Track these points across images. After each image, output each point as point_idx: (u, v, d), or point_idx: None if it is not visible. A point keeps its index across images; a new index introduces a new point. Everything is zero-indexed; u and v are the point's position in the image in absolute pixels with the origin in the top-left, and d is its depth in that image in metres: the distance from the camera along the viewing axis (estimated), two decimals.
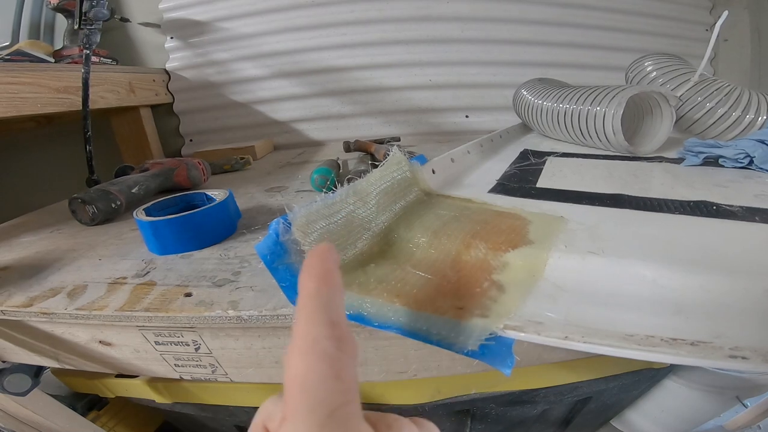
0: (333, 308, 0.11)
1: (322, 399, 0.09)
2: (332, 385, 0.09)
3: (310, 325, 0.10)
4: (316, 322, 0.10)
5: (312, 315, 0.10)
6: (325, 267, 0.12)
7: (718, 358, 0.14)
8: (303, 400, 0.09)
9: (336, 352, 0.10)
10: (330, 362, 0.09)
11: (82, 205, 0.38)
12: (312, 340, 0.10)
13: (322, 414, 0.09)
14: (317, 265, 0.12)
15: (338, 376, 0.09)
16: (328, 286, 0.11)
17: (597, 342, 0.14)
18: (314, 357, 0.10)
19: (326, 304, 0.11)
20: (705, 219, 0.24)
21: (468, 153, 0.38)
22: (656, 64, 0.49)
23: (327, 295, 0.11)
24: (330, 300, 0.11)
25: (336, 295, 0.11)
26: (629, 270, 0.18)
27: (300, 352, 0.10)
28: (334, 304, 0.11)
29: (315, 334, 0.10)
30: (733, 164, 0.35)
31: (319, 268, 0.11)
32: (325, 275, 0.11)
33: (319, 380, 0.09)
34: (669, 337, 0.15)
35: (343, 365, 0.10)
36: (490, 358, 0.14)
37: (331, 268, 0.12)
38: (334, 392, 0.09)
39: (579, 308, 0.17)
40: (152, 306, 0.23)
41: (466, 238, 0.21)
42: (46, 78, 0.51)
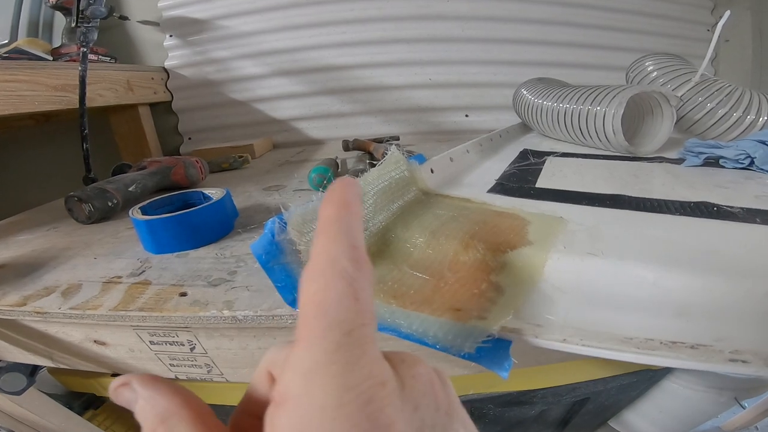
0: (353, 232, 0.10)
1: (341, 318, 0.08)
2: (351, 304, 0.09)
3: (329, 245, 0.10)
4: (336, 243, 0.10)
5: (332, 236, 0.10)
6: (346, 195, 0.11)
7: (718, 362, 0.14)
8: (320, 318, 0.09)
9: (355, 272, 0.09)
10: (349, 281, 0.09)
11: (78, 203, 0.38)
12: (332, 259, 0.09)
13: (340, 333, 0.08)
14: (339, 192, 0.11)
15: (357, 296, 0.09)
16: (348, 211, 0.11)
17: (595, 345, 0.14)
18: (333, 275, 0.09)
19: (347, 227, 0.10)
20: (706, 220, 0.23)
21: (467, 152, 0.38)
22: (657, 63, 0.49)
23: (347, 220, 0.11)
24: (350, 224, 0.11)
25: (356, 221, 0.11)
26: (629, 271, 0.18)
27: (318, 271, 0.09)
28: (354, 229, 0.11)
29: (335, 253, 0.10)
30: (733, 165, 0.35)
31: (340, 196, 0.11)
32: (346, 202, 0.11)
33: (338, 299, 0.09)
34: (668, 340, 0.15)
35: (361, 286, 0.09)
36: (487, 361, 0.14)
37: (352, 198, 0.11)
38: (353, 312, 0.09)
39: (578, 310, 0.16)
40: (147, 306, 0.23)
41: (465, 238, 0.21)
42: (43, 76, 0.51)
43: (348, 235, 0.10)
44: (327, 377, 0.08)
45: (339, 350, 0.08)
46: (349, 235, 0.10)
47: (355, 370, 0.08)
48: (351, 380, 0.08)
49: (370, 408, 0.08)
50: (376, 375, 0.08)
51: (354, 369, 0.08)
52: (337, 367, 0.08)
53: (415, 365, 0.10)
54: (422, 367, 0.10)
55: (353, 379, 0.08)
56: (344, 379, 0.08)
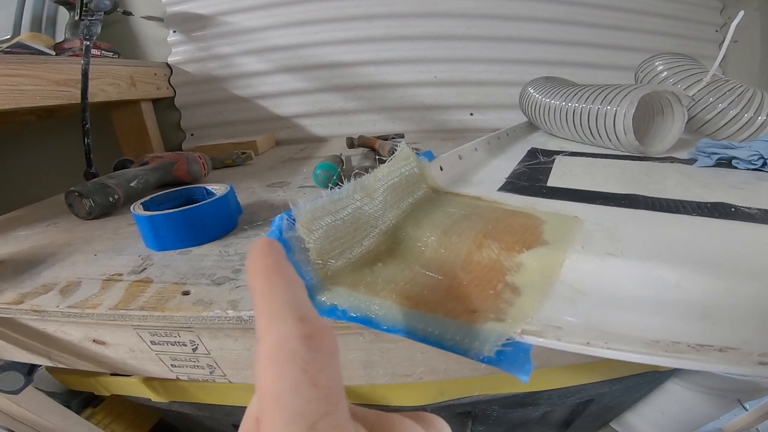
0: (296, 301, 0.09)
1: (299, 411, 0.08)
2: (309, 393, 0.08)
3: (273, 324, 0.09)
4: (279, 321, 0.09)
5: (274, 312, 0.09)
6: (270, 260, 0.10)
7: (748, 365, 0.14)
8: (277, 414, 0.08)
9: (309, 352, 0.08)
10: (303, 365, 0.08)
11: (78, 199, 0.37)
12: (279, 341, 0.08)
13: (301, 428, 0.07)
14: (261, 259, 0.10)
15: (314, 381, 0.08)
16: (281, 277, 0.10)
17: (621, 348, 0.14)
18: (284, 362, 0.08)
19: (286, 297, 0.09)
20: (724, 221, 0.23)
21: (476, 150, 0.37)
22: (667, 63, 0.49)
23: (284, 288, 0.09)
24: (290, 293, 0.09)
25: (295, 286, 0.10)
26: (651, 272, 0.17)
27: (267, 357, 0.08)
28: (296, 296, 0.09)
29: (281, 333, 0.09)
30: (746, 166, 0.34)
31: (264, 262, 0.10)
32: (273, 267, 0.10)
33: (294, 389, 0.08)
34: (696, 343, 0.14)
35: (319, 367, 0.08)
36: (508, 365, 0.13)
37: (278, 260, 0.10)
38: (312, 401, 0.08)
39: (599, 312, 0.16)
40: (148, 304, 0.22)
41: (478, 237, 0.20)
42: (46, 70, 0.50)
43: (291, 305, 0.09)
44: None
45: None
46: (292, 306, 0.09)
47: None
48: None
49: None
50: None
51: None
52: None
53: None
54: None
55: None
56: None
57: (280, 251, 0.11)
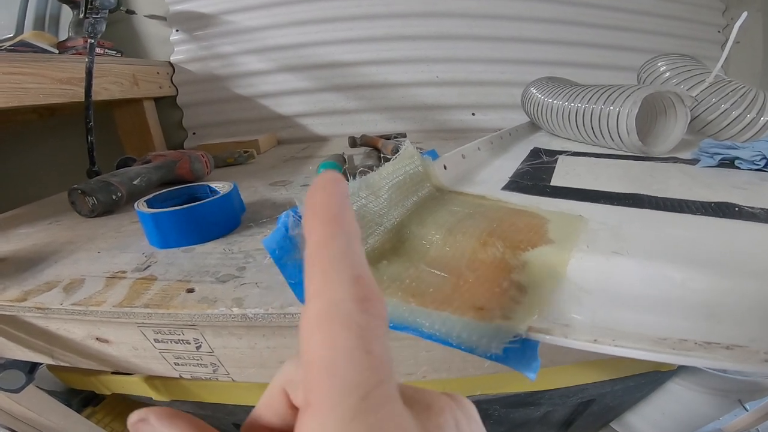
0: (353, 258, 0.08)
1: (353, 380, 0.07)
2: (363, 361, 0.07)
3: (327, 284, 0.08)
4: (335, 279, 0.08)
5: (328, 269, 0.08)
6: (335, 204, 0.09)
7: (755, 362, 0.14)
8: (329, 383, 0.07)
9: (363, 316, 0.08)
10: (358, 331, 0.07)
11: (81, 196, 0.37)
12: (332, 304, 0.08)
13: (354, 399, 0.07)
14: (324, 202, 0.09)
15: (369, 348, 0.07)
16: (342, 228, 0.09)
17: (629, 346, 0.14)
18: (338, 326, 0.07)
19: (344, 253, 0.08)
20: (728, 221, 0.23)
21: (478, 150, 0.37)
22: (670, 64, 0.49)
23: (344, 242, 0.08)
24: (348, 247, 0.08)
25: (354, 241, 0.09)
26: (656, 271, 0.17)
27: (319, 321, 0.08)
28: (354, 253, 0.08)
29: (335, 294, 0.08)
30: (749, 166, 0.34)
31: (327, 206, 0.09)
32: (336, 215, 0.09)
33: (348, 356, 0.07)
34: (703, 340, 0.14)
35: (373, 333, 0.08)
36: (515, 362, 0.13)
37: (342, 206, 0.09)
38: (366, 370, 0.07)
39: (605, 310, 0.16)
40: (152, 302, 0.22)
41: (483, 235, 0.20)
42: (49, 69, 0.50)
43: (348, 262, 0.08)
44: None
45: (356, 418, 0.07)
46: (349, 264, 0.08)
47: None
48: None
49: None
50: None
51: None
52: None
53: (441, 413, 0.09)
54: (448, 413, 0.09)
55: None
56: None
57: (344, 191, 0.09)
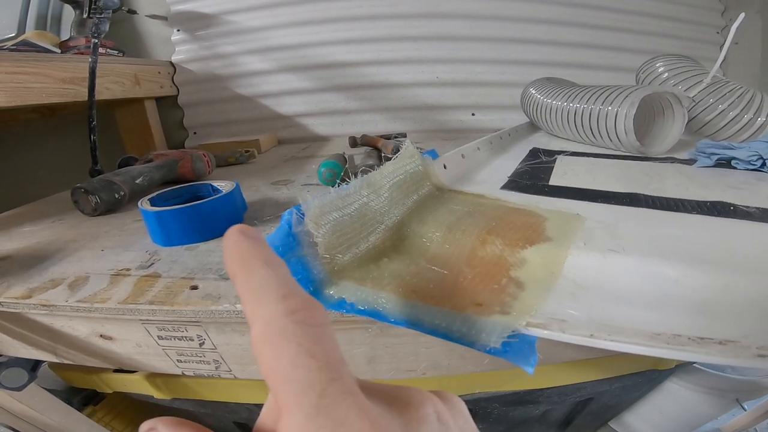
0: (276, 280, 0.09)
1: (304, 382, 0.08)
2: (308, 363, 0.08)
3: (258, 308, 0.09)
4: (263, 302, 0.09)
5: (256, 296, 0.09)
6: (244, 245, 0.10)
7: (747, 358, 0.14)
8: (286, 388, 0.08)
9: (298, 326, 0.08)
10: (295, 339, 0.08)
11: (84, 195, 0.37)
12: (266, 323, 0.08)
13: (312, 397, 0.08)
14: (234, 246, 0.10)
15: (311, 353, 0.08)
16: (257, 259, 0.10)
17: (624, 340, 0.14)
18: (276, 339, 0.08)
19: (265, 278, 0.09)
20: (723, 219, 0.23)
21: (478, 150, 0.37)
22: (668, 65, 0.49)
23: (262, 269, 0.09)
24: (268, 273, 0.09)
25: (273, 266, 0.10)
26: (652, 268, 0.18)
27: (261, 340, 0.08)
28: (276, 276, 0.09)
29: (266, 314, 0.09)
30: (745, 166, 0.35)
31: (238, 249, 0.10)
32: (247, 251, 0.10)
33: (293, 364, 0.08)
34: (697, 336, 0.15)
35: (312, 339, 0.08)
36: (513, 356, 0.13)
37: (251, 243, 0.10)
38: (314, 371, 0.08)
39: (601, 306, 0.16)
40: (157, 299, 0.22)
41: (482, 233, 0.20)
42: (51, 68, 0.51)
43: (272, 286, 0.09)
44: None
45: (320, 414, 0.07)
46: (273, 286, 0.09)
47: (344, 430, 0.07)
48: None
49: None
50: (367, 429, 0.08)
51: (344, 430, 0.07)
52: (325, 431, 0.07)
53: (421, 406, 0.09)
54: (429, 406, 0.10)
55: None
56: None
57: (255, 235, 0.10)
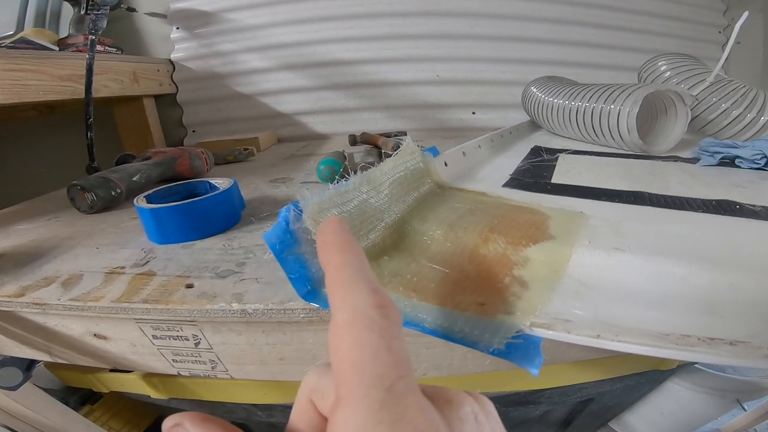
0: (368, 275, 0.10)
1: (379, 373, 0.08)
2: (386, 357, 0.08)
3: (350, 295, 0.09)
4: (356, 291, 0.09)
5: (349, 285, 0.10)
6: (345, 237, 0.11)
7: (757, 358, 0.14)
8: (357, 378, 0.08)
9: (384, 320, 0.09)
10: (379, 332, 0.09)
11: (81, 192, 0.37)
12: (356, 311, 0.09)
13: (381, 390, 0.08)
14: (333, 235, 0.11)
15: (390, 347, 0.08)
16: (353, 252, 0.11)
17: (631, 341, 0.14)
18: (362, 329, 0.09)
19: (360, 271, 0.10)
20: (729, 218, 0.23)
21: (479, 147, 0.37)
22: (670, 63, 0.49)
23: (358, 264, 0.10)
24: (363, 267, 0.10)
25: (366, 263, 0.10)
26: (658, 267, 0.17)
27: (346, 326, 0.09)
28: (368, 271, 0.10)
29: (357, 303, 0.09)
30: (749, 165, 0.35)
31: (340, 238, 0.11)
32: (348, 243, 0.11)
33: (373, 354, 0.08)
34: (706, 336, 0.14)
35: (392, 334, 0.09)
36: (518, 358, 0.13)
37: (351, 239, 0.11)
38: (389, 365, 0.08)
39: (607, 306, 0.16)
40: (151, 297, 0.22)
41: (484, 231, 0.20)
42: (49, 65, 0.50)
43: (365, 279, 0.10)
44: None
45: (383, 408, 0.08)
46: (366, 280, 0.10)
47: (403, 427, 0.08)
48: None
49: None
50: (424, 428, 0.08)
51: (401, 426, 0.08)
52: (383, 426, 0.08)
53: (461, 406, 0.10)
54: (467, 406, 0.10)
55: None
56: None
57: (348, 229, 0.11)
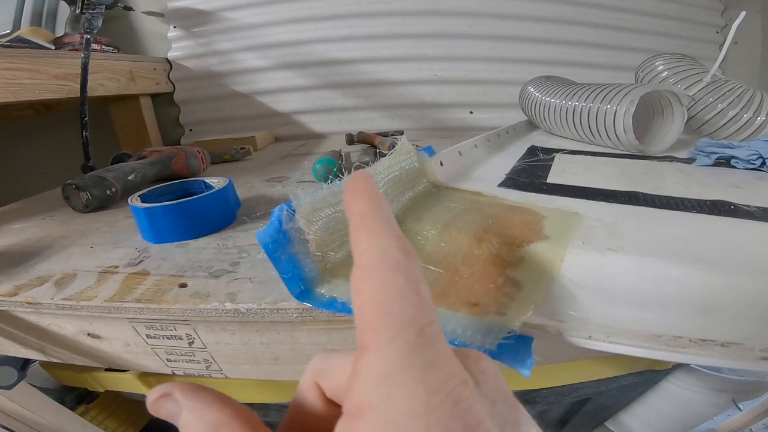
0: (393, 223, 0.10)
1: (407, 316, 0.08)
2: (415, 300, 0.08)
3: (375, 239, 0.09)
4: (381, 235, 0.09)
5: (374, 229, 0.09)
6: (371, 187, 0.11)
7: (750, 360, 0.14)
8: (384, 321, 0.08)
9: (410, 264, 0.08)
10: (407, 274, 0.08)
11: (75, 191, 0.37)
12: (382, 253, 0.09)
13: (412, 332, 0.07)
14: (363, 184, 0.11)
15: (417, 290, 0.08)
16: (381, 203, 0.10)
17: (623, 342, 0.14)
18: (389, 270, 0.08)
19: (386, 217, 0.10)
20: (724, 218, 0.23)
21: (475, 147, 0.37)
22: (667, 63, 0.49)
23: (384, 211, 0.10)
24: (389, 215, 0.10)
25: (390, 212, 0.10)
26: (652, 268, 0.17)
27: (371, 267, 0.08)
28: (393, 220, 0.10)
29: (383, 245, 0.09)
30: (745, 165, 0.35)
31: (365, 187, 0.11)
32: (375, 193, 0.10)
33: (400, 295, 0.08)
34: (698, 338, 0.14)
35: (418, 278, 0.08)
36: (509, 358, 0.13)
37: (376, 189, 0.11)
38: (419, 309, 0.08)
39: (600, 306, 0.16)
40: (144, 297, 0.22)
41: (478, 231, 0.20)
42: (45, 64, 0.50)
43: (391, 225, 0.10)
44: (408, 382, 0.07)
45: (414, 351, 0.07)
46: (392, 226, 0.10)
47: (435, 372, 0.07)
48: (434, 383, 0.07)
49: (459, 409, 0.07)
50: (456, 374, 0.07)
51: (434, 370, 0.07)
52: (415, 370, 0.07)
53: (480, 360, 0.10)
54: (486, 361, 0.10)
55: (436, 381, 0.07)
56: (427, 382, 0.07)
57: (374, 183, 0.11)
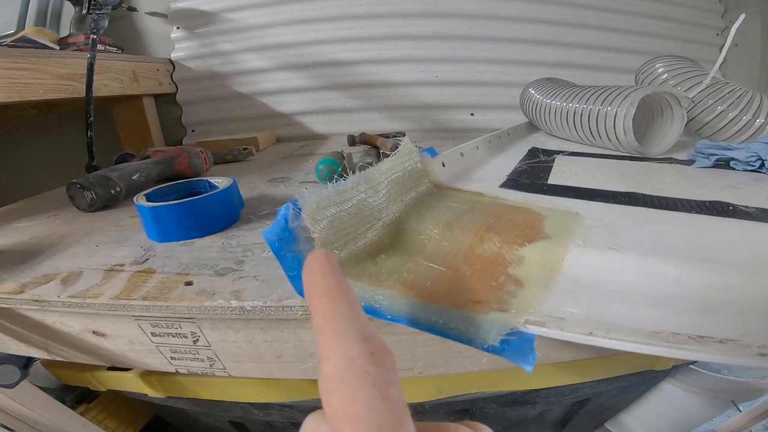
0: (358, 320, 0.10)
1: (374, 425, 0.08)
2: (381, 406, 0.08)
3: (340, 345, 0.09)
4: (346, 341, 0.09)
5: (338, 334, 0.09)
6: (333, 279, 0.10)
7: (747, 357, 0.14)
8: (353, 429, 0.08)
9: (376, 368, 0.09)
10: (372, 380, 0.08)
11: (80, 191, 0.37)
12: (347, 360, 0.09)
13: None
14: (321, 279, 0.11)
15: (384, 395, 0.08)
16: (344, 298, 0.10)
17: (623, 338, 0.14)
18: (354, 378, 0.09)
19: (350, 318, 0.10)
20: (722, 219, 0.23)
21: (477, 148, 0.37)
22: (667, 66, 0.49)
23: (347, 309, 0.10)
24: (353, 312, 0.10)
25: (356, 305, 0.10)
26: (651, 267, 0.17)
27: (337, 376, 0.09)
28: (359, 316, 0.10)
29: (348, 352, 0.09)
30: (744, 167, 0.35)
31: (325, 283, 0.10)
32: (335, 288, 0.10)
33: (367, 406, 0.08)
34: (696, 334, 0.14)
35: (387, 381, 0.09)
36: (512, 354, 0.13)
37: (339, 280, 0.11)
38: (385, 413, 0.08)
39: (600, 304, 0.16)
40: (150, 294, 0.22)
41: (480, 231, 0.20)
42: (49, 64, 0.50)
43: (356, 325, 0.09)
44: None
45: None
46: (357, 326, 0.09)
47: None
48: None
49: None
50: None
51: None
52: None
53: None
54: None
55: None
56: None
57: (337, 267, 0.11)
